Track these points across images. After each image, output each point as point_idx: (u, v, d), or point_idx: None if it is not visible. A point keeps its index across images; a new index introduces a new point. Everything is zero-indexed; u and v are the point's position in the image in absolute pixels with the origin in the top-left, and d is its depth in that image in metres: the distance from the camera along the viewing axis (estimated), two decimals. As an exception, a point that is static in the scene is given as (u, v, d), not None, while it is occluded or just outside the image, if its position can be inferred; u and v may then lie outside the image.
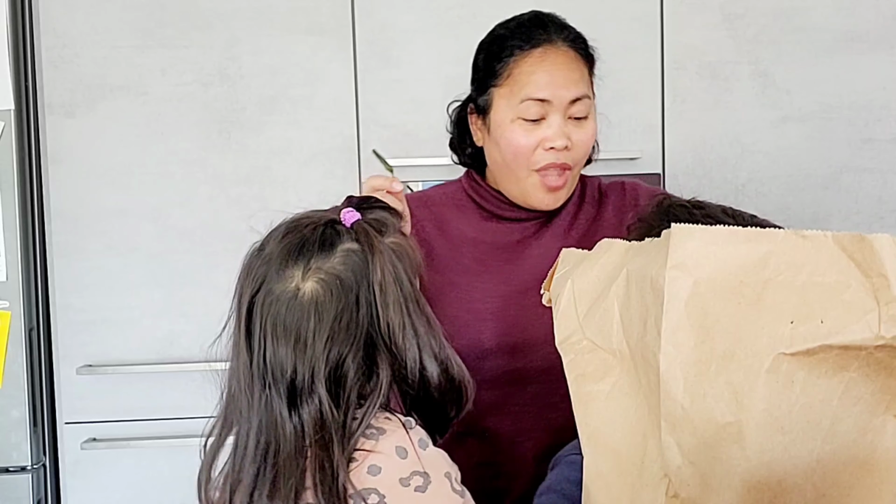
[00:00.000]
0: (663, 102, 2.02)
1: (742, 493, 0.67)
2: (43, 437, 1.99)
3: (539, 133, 1.22)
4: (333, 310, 0.90)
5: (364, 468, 0.87)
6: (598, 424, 0.79)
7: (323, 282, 0.91)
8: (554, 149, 1.21)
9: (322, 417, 0.88)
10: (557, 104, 1.21)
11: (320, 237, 0.93)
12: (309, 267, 0.91)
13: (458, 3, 2.00)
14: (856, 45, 2.01)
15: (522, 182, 1.25)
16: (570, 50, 1.25)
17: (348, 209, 0.97)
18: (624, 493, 0.76)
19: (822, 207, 2.03)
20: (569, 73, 1.23)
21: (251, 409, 0.91)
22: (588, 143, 1.25)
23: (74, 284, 1.99)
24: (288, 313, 0.90)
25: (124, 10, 1.99)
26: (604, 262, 0.81)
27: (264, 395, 0.90)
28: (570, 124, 1.23)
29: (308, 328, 0.90)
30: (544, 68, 1.22)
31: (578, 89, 1.22)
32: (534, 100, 1.21)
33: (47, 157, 1.99)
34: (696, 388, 0.67)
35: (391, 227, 0.98)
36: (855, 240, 0.65)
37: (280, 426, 0.89)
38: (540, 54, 1.23)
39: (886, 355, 0.65)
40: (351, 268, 0.92)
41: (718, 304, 0.67)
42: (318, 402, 0.89)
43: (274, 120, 2.00)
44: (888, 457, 0.67)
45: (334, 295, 0.91)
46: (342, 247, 0.93)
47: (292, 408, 0.89)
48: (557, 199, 1.27)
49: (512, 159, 1.24)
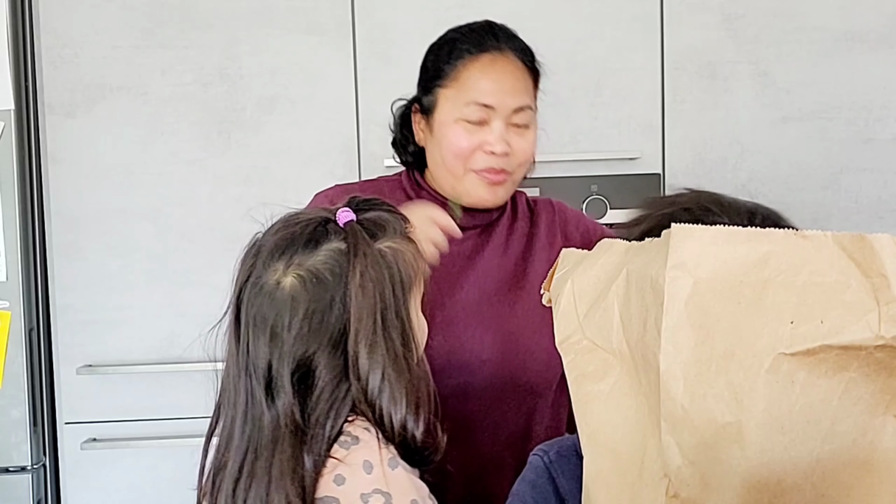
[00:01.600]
0: (663, 102, 2.02)
1: (742, 493, 0.67)
2: (43, 437, 1.99)
3: (480, 136, 1.24)
4: (306, 306, 0.90)
5: (332, 476, 0.86)
6: (597, 424, 0.79)
7: (301, 277, 0.91)
8: (493, 153, 1.23)
9: (289, 414, 0.89)
10: (501, 110, 1.24)
11: (308, 234, 0.93)
12: (292, 262, 0.92)
13: (457, 3, 2.00)
14: (856, 45, 2.01)
15: (460, 181, 1.27)
16: (517, 60, 1.27)
17: (345, 209, 0.97)
18: (624, 493, 0.76)
19: (822, 207, 2.03)
20: (515, 82, 1.26)
21: (237, 398, 0.92)
22: (527, 152, 1.27)
23: (74, 284, 1.99)
24: (268, 306, 0.91)
25: (124, 10, 1.99)
26: (604, 262, 0.81)
27: (248, 385, 0.91)
28: (511, 131, 1.25)
29: (282, 322, 0.90)
30: (492, 75, 1.25)
31: (522, 99, 1.25)
32: (478, 104, 1.24)
33: (47, 157, 1.99)
34: (696, 388, 0.67)
35: (390, 230, 0.97)
36: (855, 240, 0.65)
37: (261, 415, 0.90)
38: (489, 60, 1.26)
39: (886, 355, 0.65)
40: (331, 267, 0.91)
41: (718, 304, 0.67)
42: (285, 399, 0.89)
43: (274, 120, 2.00)
44: (888, 457, 0.67)
45: (309, 291, 0.90)
46: (328, 246, 0.93)
47: (270, 399, 0.90)
48: (497, 196, 1.27)
49: (451, 159, 1.26)
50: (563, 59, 1.37)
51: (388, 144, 2.00)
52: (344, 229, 0.94)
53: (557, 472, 0.94)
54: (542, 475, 0.95)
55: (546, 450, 0.97)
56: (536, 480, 0.95)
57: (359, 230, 0.94)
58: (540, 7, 1.72)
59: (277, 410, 0.89)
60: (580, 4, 1.99)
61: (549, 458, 0.96)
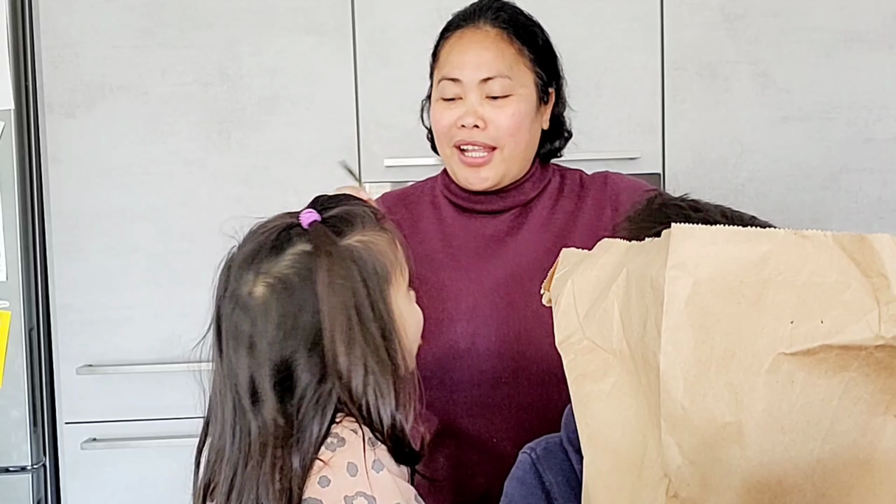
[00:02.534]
0: (663, 102, 2.02)
1: (742, 493, 0.67)
2: (43, 437, 1.99)
3: (455, 111, 1.24)
4: (277, 312, 0.90)
5: (317, 478, 0.86)
6: (597, 424, 0.79)
7: (269, 285, 0.91)
8: (465, 127, 1.22)
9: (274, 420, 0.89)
10: (468, 83, 1.23)
11: (273, 241, 0.93)
12: (260, 271, 0.92)
13: (458, 3, 2.00)
14: (856, 45, 2.01)
15: (449, 160, 1.27)
16: (491, 29, 1.25)
17: (308, 210, 0.96)
18: (624, 493, 0.76)
19: (822, 207, 2.03)
20: (482, 51, 1.23)
21: (224, 413, 0.92)
22: (507, 124, 1.23)
23: (74, 284, 1.99)
24: (243, 318, 0.91)
25: (124, 10, 1.99)
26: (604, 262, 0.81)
27: (235, 398, 0.91)
28: (486, 104, 1.23)
29: (256, 332, 0.90)
30: (458, 49, 1.24)
31: (491, 68, 1.22)
32: (448, 79, 1.24)
33: (47, 157, 1.99)
34: (696, 388, 0.67)
35: (359, 224, 0.96)
36: (855, 240, 0.65)
37: (248, 426, 0.90)
38: (458, 35, 1.26)
39: (886, 355, 0.65)
40: (297, 270, 0.91)
41: (718, 304, 0.67)
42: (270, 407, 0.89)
43: (274, 120, 2.00)
44: (888, 457, 0.67)
45: (279, 297, 0.90)
46: (292, 249, 0.92)
47: (255, 409, 0.90)
48: (481, 177, 1.25)
49: (437, 137, 1.27)
50: (564, 59, 1.36)
51: (387, 144, 2.01)
52: (308, 231, 0.93)
53: (543, 466, 0.96)
54: (528, 471, 0.97)
55: (533, 447, 0.99)
56: (523, 476, 0.97)
57: (322, 229, 0.93)
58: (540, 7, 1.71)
59: (264, 419, 0.89)
60: (580, 4, 1.99)
61: (535, 455, 0.97)
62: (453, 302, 1.25)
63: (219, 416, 0.93)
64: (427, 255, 1.27)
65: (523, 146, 1.26)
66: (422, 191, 1.36)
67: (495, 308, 1.23)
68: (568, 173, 1.34)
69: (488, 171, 1.24)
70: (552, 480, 0.94)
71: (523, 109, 1.24)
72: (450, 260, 1.28)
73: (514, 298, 1.24)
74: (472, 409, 1.23)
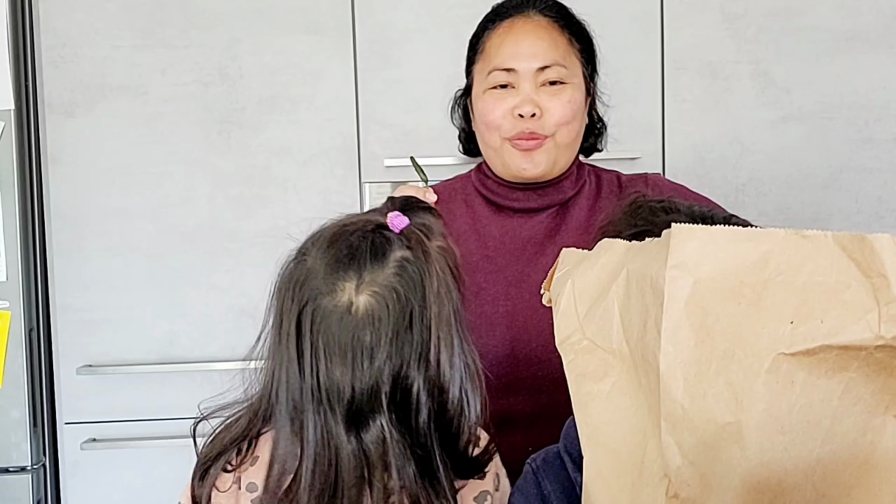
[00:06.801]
0: (663, 102, 2.02)
1: (742, 493, 0.67)
2: (43, 437, 1.99)
3: (509, 101, 1.21)
4: (391, 324, 0.85)
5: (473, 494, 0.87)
6: (598, 424, 0.79)
7: (378, 295, 0.85)
8: (522, 116, 1.19)
9: (384, 440, 0.84)
10: (523, 72, 1.21)
11: (370, 246, 0.87)
12: (362, 279, 0.85)
13: (457, 3, 2.00)
14: (856, 45, 2.01)
15: (499, 152, 1.24)
16: (542, 19, 1.24)
17: (395, 213, 0.90)
18: (624, 493, 0.76)
19: (822, 207, 2.03)
20: (536, 41, 1.22)
21: (304, 433, 0.86)
22: (563, 111, 1.21)
23: (74, 284, 1.99)
24: (342, 330, 0.85)
25: (124, 10, 1.99)
26: (604, 262, 0.81)
27: (319, 420, 0.85)
28: (542, 92, 1.21)
29: (365, 345, 0.84)
30: (510, 39, 1.22)
31: (547, 56, 1.21)
32: (500, 69, 1.21)
33: (47, 157, 1.99)
34: (696, 388, 0.67)
35: (436, 231, 0.92)
36: (855, 240, 0.65)
37: (339, 452, 0.84)
38: (508, 25, 1.24)
39: (886, 355, 0.65)
40: (406, 279, 0.86)
41: (718, 303, 0.67)
42: (381, 424, 0.84)
43: (274, 120, 2.00)
44: (888, 457, 0.67)
45: (391, 308, 0.85)
46: (395, 255, 0.87)
47: (352, 432, 0.84)
48: (536, 163, 1.22)
49: (485, 131, 1.24)
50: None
51: (387, 144, 2.01)
52: (402, 235, 0.89)
53: (542, 476, 0.96)
54: (529, 481, 0.97)
55: (535, 457, 0.99)
56: (524, 486, 0.98)
57: (417, 235, 0.89)
58: (540, 7, 1.72)
59: (363, 441, 0.84)
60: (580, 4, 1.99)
61: (535, 465, 0.98)
62: (491, 306, 1.22)
63: (293, 434, 0.87)
64: (462, 255, 1.26)
65: (574, 135, 1.25)
66: (454, 188, 1.33)
67: (535, 313, 1.19)
68: (604, 174, 1.33)
69: (541, 154, 1.22)
70: (549, 489, 0.94)
71: (577, 98, 1.23)
72: (486, 262, 1.25)
73: None
74: (508, 418, 1.21)
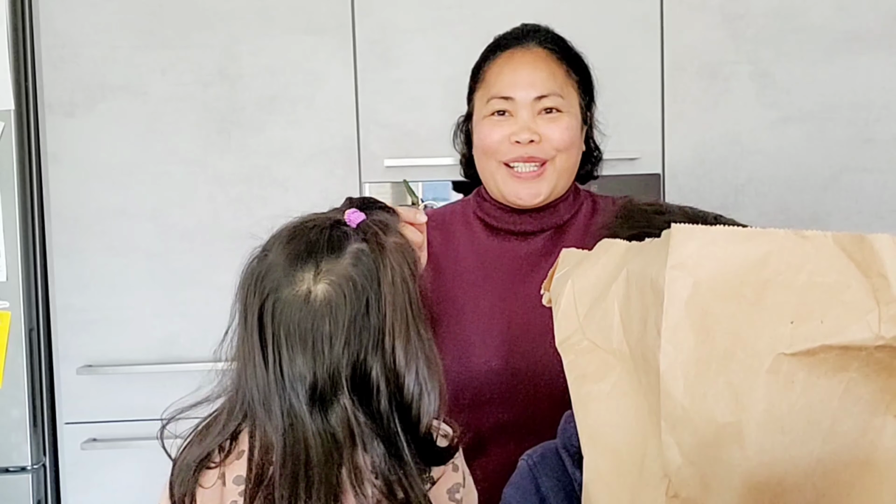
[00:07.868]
0: (663, 102, 2.02)
1: (742, 493, 0.67)
2: (43, 438, 1.99)
3: (506, 128, 1.25)
4: (348, 312, 0.89)
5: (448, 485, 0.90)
6: (598, 424, 0.79)
7: (335, 284, 0.89)
8: (519, 143, 1.24)
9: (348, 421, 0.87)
10: (521, 101, 1.25)
11: (328, 239, 0.92)
12: (319, 270, 0.90)
13: (458, 3, 2.00)
14: (856, 45, 2.01)
15: (496, 177, 1.27)
16: (541, 50, 1.28)
17: (352, 210, 0.95)
18: (624, 493, 0.76)
19: (822, 207, 2.03)
20: (534, 70, 1.26)
21: (271, 421, 0.89)
22: (561, 138, 1.25)
23: (74, 284, 1.99)
24: (301, 318, 0.89)
25: (124, 10, 1.99)
26: (604, 262, 0.81)
27: (285, 406, 0.88)
28: (539, 119, 1.25)
29: (324, 332, 0.88)
30: (509, 68, 1.27)
31: (545, 86, 1.25)
32: (499, 97, 1.26)
33: (47, 157, 1.99)
34: (696, 388, 0.67)
35: (392, 228, 0.97)
36: (855, 240, 0.65)
37: (306, 435, 0.88)
38: (508, 55, 1.29)
39: (886, 355, 0.65)
40: (362, 269, 0.90)
41: (718, 303, 0.67)
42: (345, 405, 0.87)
43: (274, 120, 2.00)
44: (888, 457, 0.67)
45: (347, 297, 0.89)
46: (351, 247, 0.91)
47: (316, 412, 0.88)
48: (533, 192, 1.26)
49: (482, 156, 1.28)
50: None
51: (387, 144, 2.01)
52: (359, 230, 0.93)
53: (539, 472, 0.97)
54: (525, 477, 0.98)
55: (531, 454, 1.00)
56: (520, 482, 0.98)
57: (373, 228, 0.93)
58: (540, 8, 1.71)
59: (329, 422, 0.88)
60: (580, 4, 1.99)
61: (532, 461, 0.98)
62: (487, 321, 1.25)
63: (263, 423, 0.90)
64: (460, 273, 1.29)
65: (573, 161, 1.29)
66: (454, 211, 1.37)
67: (530, 328, 1.23)
68: (600, 199, 1.36)
69: (541, 184, 1.26)
70: (547, 486, 0.95)
71: (574, 125, 1.28)
72: (483, 279, 1.28)
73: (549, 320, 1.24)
74: (502, 430, 1.23)
